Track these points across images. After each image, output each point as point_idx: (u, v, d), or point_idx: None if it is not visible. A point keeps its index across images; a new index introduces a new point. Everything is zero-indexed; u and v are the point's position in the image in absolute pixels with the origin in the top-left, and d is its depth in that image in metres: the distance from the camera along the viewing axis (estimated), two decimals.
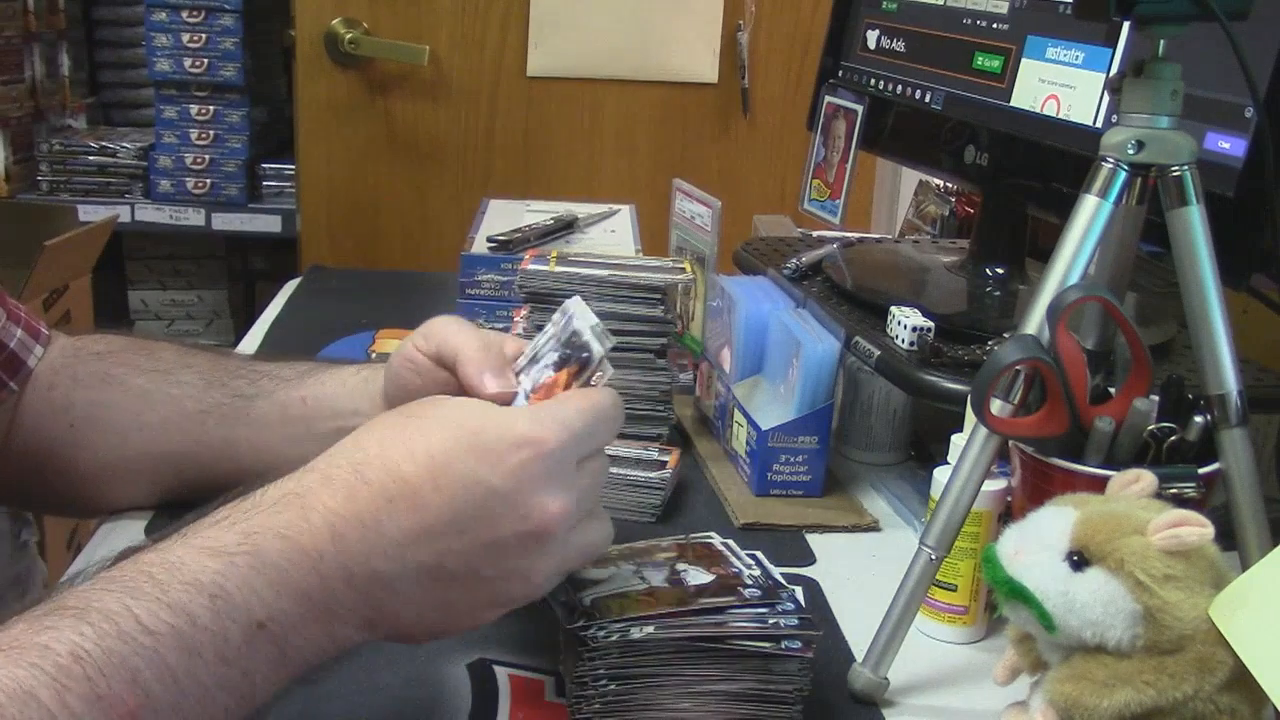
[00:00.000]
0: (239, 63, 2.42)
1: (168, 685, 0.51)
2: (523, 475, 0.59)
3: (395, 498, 0.58)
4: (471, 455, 0.59)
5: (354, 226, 2.28)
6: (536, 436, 0.60)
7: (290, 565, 0.56)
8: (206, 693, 0.52)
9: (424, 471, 0.58)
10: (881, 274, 1.22)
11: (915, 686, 0.76)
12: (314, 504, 0.58)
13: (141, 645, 0.51)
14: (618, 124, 2.28)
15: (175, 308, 2.74)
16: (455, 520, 0.58)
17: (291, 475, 0.60)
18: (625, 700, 0.66)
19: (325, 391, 0.85)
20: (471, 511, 0.59)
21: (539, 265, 1.02)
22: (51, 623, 0.50)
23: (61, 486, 0.87)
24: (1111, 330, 0.80)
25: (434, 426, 0.60)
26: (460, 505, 0.58)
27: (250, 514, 0.57)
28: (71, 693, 0.48)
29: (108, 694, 0.49)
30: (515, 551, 0.60)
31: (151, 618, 0.51)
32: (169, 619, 0.52)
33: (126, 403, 0.86)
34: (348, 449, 0.61)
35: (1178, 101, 0.70)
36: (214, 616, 0.53)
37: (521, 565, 0.60)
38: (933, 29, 1.16)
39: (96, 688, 0.49)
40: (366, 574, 0.57)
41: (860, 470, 1.08)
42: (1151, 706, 0.60)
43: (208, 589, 0.53)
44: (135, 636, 0.51)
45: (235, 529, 0.56)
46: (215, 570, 0.54)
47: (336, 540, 0.57)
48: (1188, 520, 0.61)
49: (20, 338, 0.86)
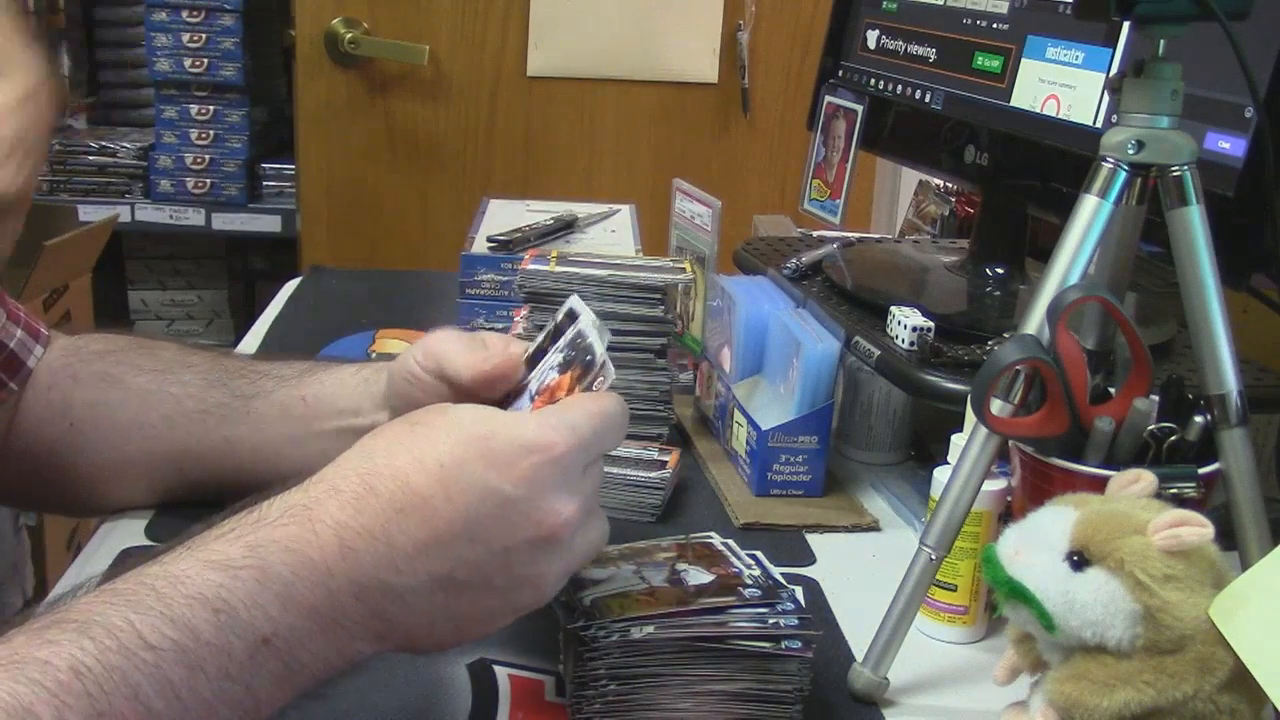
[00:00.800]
0: (239, 63, 2.42)
1: (169, 701, 0.50)
2: (534, 481, 0.59)
3: (405, 509, 0.57)
4: (482, 463, 0.58)
5: (354, 226, 2.28)
6: (546, 441, 0.59)
7: (297, 579, 0.55)
8: (209, 708, 0.52)
9: (434, 482, 0.58)
10: (881, 274, 1.22)
11: (915, 686, 0.76)
12: (322, 516, 0.57)
13: (143, 661, 0.50)
14: (618, 124, 2.28)
15: (175, 308, 2.74)
16: (467, 529, 0.58)
17: (298, 487, 0.59)
18: (625, 700, 0.66)
19: (325, 391, 0.85)
20: (483, 520, 0.58)
21: (539, 265, 1.02)
22: (52, 636, 0.50)
23: (62, 486, 0.87)
24: (1111, 330, 0.80)
25: (442, 435, 0.59)
26: (472, 514, 0.58)
27: (256, 527, 0.56)
28: (72, 709, 0.47)
29: (108, 710, 0.48)
30: (526, 558, 0.59)
31: (154, 632, 0.51)
32: (171, 634, 0.51)
33: (127, 402, 0.86)
34: (354, 460, 0.60)
35: (1178, 101, 0.70)
36: (217, 631, 0.52)
37: (532, 571, 0.60)
38: (933, 29, 1.16)
39: (97, 704, 0.48)
40: (376, 587, 0.57)
41: (860, 470, 1.08)
42: (1151, 706, 0.60)
43: (211, 603, 0.53)
44: (137, 652, 0.50)
45: (240, 542, 0.55)
46: (219, 584, 0.53)
47: (345, 554, 0.56)
48: (1188, 520, 0.60)
49: (20, 338, 0.86)
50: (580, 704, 0.66)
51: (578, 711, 0.67)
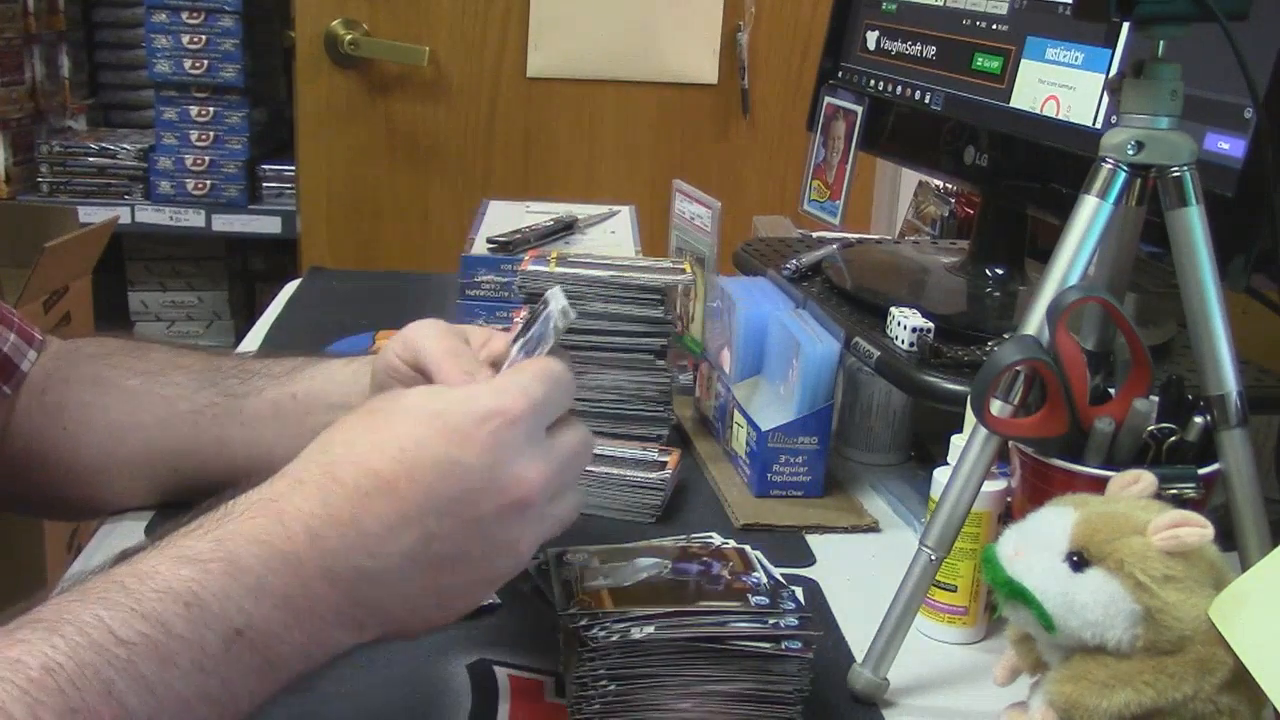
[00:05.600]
0: (239, 64, 2.42)
1: (143, 697, 0.50)
2: (495, 448, 0.59)
3: (371, 493, 0.57)
4: (441, 438, 0.58)
5: (354, 227, 2.28)
6: (501, 406, 0.59)
7: (267, 570, 0.55)
8: (185, 704, 0.51)
9: (395, 464, 0.58)
10: (881, 275, 1.22)
11: (915, 687, 0.76)
12: (287, 509, 0.57)
13: (115, 656, 0.50)
14: (617, 125, 2.28)
15: (175, 309, 2.74)
16: (435, 504, 0.58)
17: (263, 484, 0.59)
18: (625, 700, 0.66)
19: (315, 386, 0.85)
20: (450, 493, 0.58)
21: (539, 266, 1.02)
22: (23, 635, 0.49)
23: (60, 488, 0.87)
24: (1111, 331, 0.80)
25: (398, 418, 0.60)
26: (438, 489, 0.58)
27: (223, 522, 0.56)
28: (45, 706, 0.47)
29: (82, 707, 0.48)
30: (497, 526, 0.59)
31: (125, 627, 0.50)
32: (143, 628, 0.51)
33: (120, 403, 0.86)
34: (314, 453, 0.60)
35: (1178, 102, 0.70)
36: (189, 625, 0.52)
37: (506, 538, 0.60)
38: (932, 30, 1.16)
39: (70, 701, 0.48)
40: (350, 572, 0.56)
41: (860, 471, 1.08)
42: (1151, 707, 0.60)
43: (182, 597, 0.52)
44: (108, 647, 0.50)
45: (208, 537, 0.55)
46: (189, 578, 0.53)
47: (315, 541, 0.56)
48: (1188, 521, 0.60)
49: (13, 342, 0.87)
50: (580, 704, 0.66)
51: (578, 711, 0.67)
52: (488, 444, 0.58)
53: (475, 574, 0.60)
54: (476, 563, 0.60)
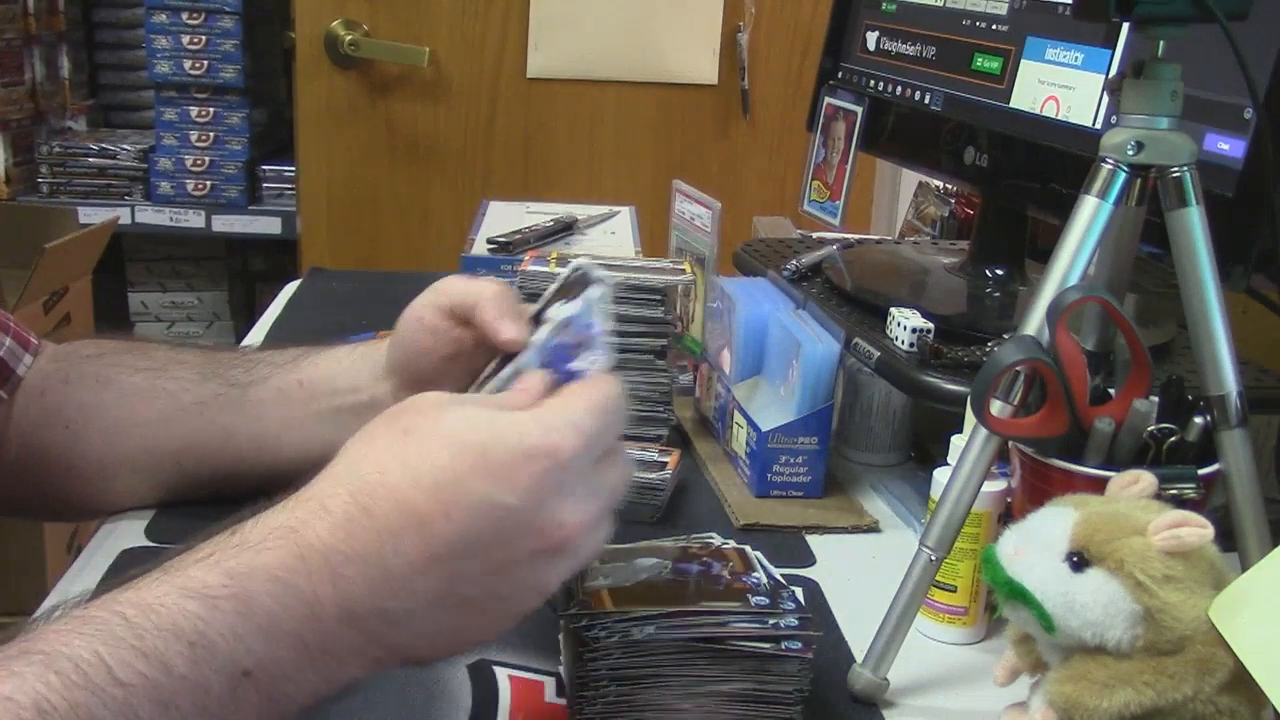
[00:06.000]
0: (239, 65, 2.42)
1: None
2: (538, 490, 0.55)
3: (400, 530, 0.53)
4: (482, 475, 0.54)
5: (354, 228, 2.28)
6: (550, 446, 0.55)
7: (283, 610, 0.51)
8: None
9: (431, 500, 0.54)
10: (881, 275, 1.22)
11: (915, 687, 0.76)
12: (310, 540, 0.53)
13: (111, 697, 0.47)
14: (618, 125, 2.28)
15: (175, 310, 2.74)
16: (467, 545, 0.54)
17: (282, 506, 0.55)
18: (626, 701, 0.66)
19: (320, 372, 0.85)
20: (485, 535, 0.54)
21: (539, 267, 1.02)
22: (18, 668, 0.47)
23: (61, 489, 0.87)
24: (1111, 331, 0.80)
25: (436, 444, 0.55)
26: (472, 531, 0.54)
27: (238, 552, 0.52)
28: None
29: None
30: (529, 569, 0.56)
31: (123, 667, 0.48)
32: (142, 668, 0.48)
33: (121, 401, 0.86)
34: (342, 474, 0.56)
35: (1178, 102, 0.70)
36: (193, 665, 0.49)
37: (535, 580, 0.57)
38: (932, 30, 1.16)
39: None
40: (370, 613, 0.53)
41: (860, 471, 1.08)
42: (1151, 707, 0.60)
43: (186, 635, 0.49)
44: (105, 688, 0.47)
45: (220, 569, 0.51)
46: (196, 615, 0.50)
47: (337, 581, 0.52)
48: (1188, 521, 0.61)
49: (9, 346, 0.86)
50: (580, 704, 0.66)
51: (578, 712, 0.67)
52: (531, 486, 0.55)
53: (500, 611, 0.57)
54: (503, 601, 0.57)
